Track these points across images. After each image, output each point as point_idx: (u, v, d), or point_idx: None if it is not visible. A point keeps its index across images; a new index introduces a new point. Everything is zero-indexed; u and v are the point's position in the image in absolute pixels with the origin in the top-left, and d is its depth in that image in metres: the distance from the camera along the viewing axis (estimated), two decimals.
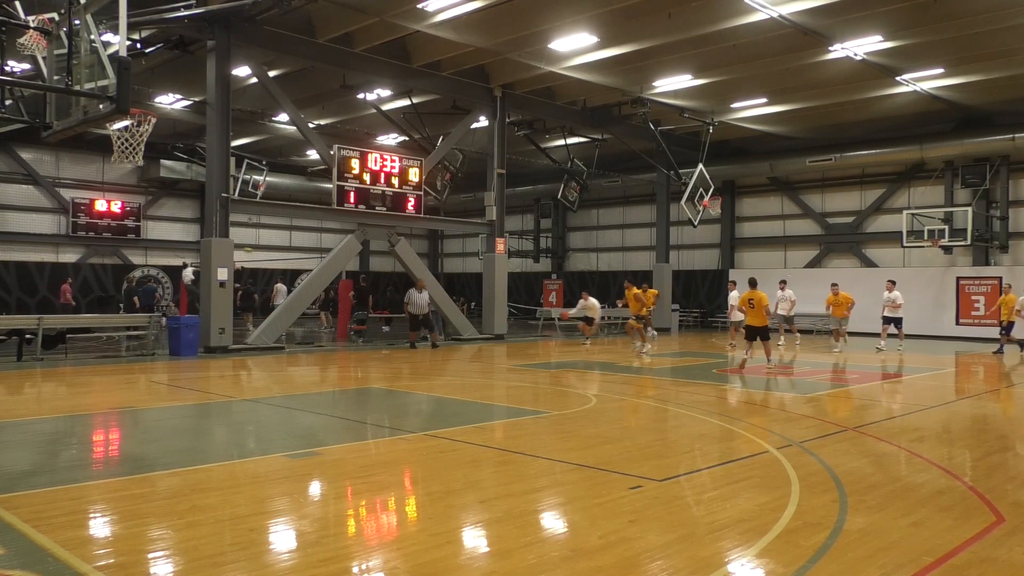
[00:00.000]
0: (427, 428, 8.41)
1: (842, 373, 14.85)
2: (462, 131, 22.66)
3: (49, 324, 15.78)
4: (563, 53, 18.81)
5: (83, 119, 8.43)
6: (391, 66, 19.74)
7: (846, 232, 27.47)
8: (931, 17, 15.95)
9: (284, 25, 17.63)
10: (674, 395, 11.47)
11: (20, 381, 12.50)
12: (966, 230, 23.17)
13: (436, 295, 22.31)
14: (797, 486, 5.89)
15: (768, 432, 8.19)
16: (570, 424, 8.80)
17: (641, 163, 28.13)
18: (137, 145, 12.99)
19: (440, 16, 16.35)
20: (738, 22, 16.32)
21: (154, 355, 16.29)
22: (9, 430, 8.11)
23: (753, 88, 21.56)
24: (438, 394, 11.02)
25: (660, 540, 4.63)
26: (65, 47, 8.21)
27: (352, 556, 4.42)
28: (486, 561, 4.37)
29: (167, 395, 11.21)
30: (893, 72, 19.58)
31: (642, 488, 5.84)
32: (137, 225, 29.67)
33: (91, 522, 5.07)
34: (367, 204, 20.10)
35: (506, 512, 5.22)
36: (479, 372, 15.36)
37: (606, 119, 24.92)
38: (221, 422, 8.78)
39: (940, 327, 24.56)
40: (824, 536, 4.71)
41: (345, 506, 5.56)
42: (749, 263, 29.86)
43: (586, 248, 35.17)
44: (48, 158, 28.05)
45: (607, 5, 15.89)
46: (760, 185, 29.74)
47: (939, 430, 8.81)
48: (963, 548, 4.56)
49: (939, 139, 24.20)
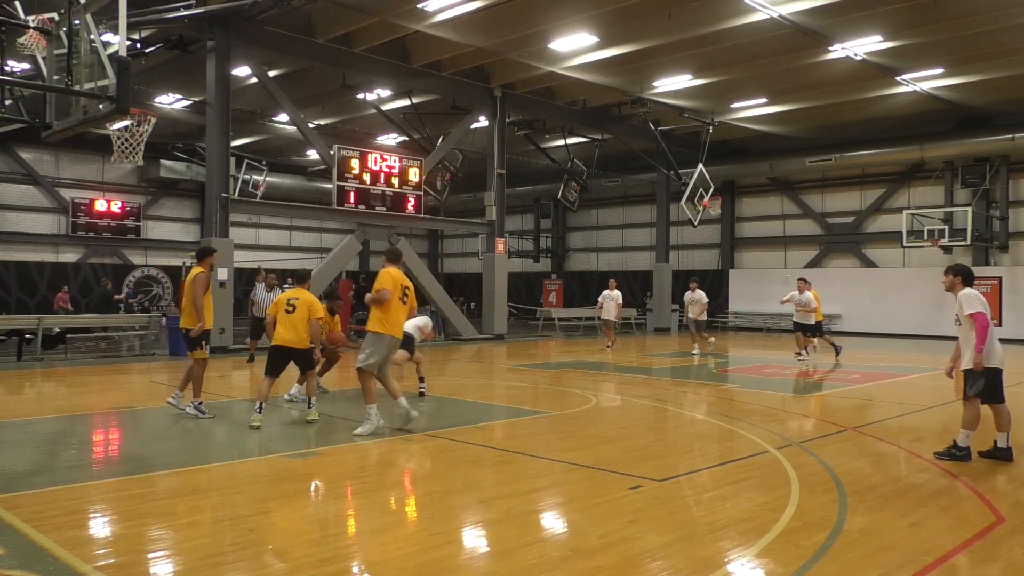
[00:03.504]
0: (427, 428, 8.41)
1: (844, 373, 14.84)
2: (462, 131, 22.66)
3: (49, 324, 15.78)
4: (563, 53, 18.80)
5: (83, 119, 8.42)
6: (391, 66, 19.73)
7: (846, 232, 27.47)
8: (931, 17, 15.94)
9: (284, 25, 17.63)
10: (674, 395, 11.46)
11: (20, 381, 12.50)
12: (966, 230, 23.15)
13: (436, 295, 22.34)
14: (797, 486, 5.89)
15: (768, 432, 8.19)
16: (570, 424, 8.80)
17: (641, 163, 28.13)
18: (137, 145, 13.01)
19: (440, 16, 16.35)
20: (738, 22, 16.31)
21: (154, 355, 16.29)
22: (9, 430, 8.12)
23: (753, 88, 21.55)
24: (438, 394, 11.02)
25: (660, 540, 4.63)
26: (65, 47, 8.20)
27: (352, 556, 4.42)
28: (486, 561, 4.37)
29: (167, 395, 11.19)
30: (893, 72, 19.57)
31: (642, 488, 5.84)
32: (137, 225, 29.66)
33: (91, 522, 5.07)
34: (367, 204, 20.10)
35: (506, 512, 5.22)
36: (479, 372, 15.35)
37: (606, 119, 24.92)
38: (221, 422, 8.76)
39: (940, 327, 24.54)
40: (824, 536, 4.71)
41: (345, 506, 5.56)
42: (749, 263, 29.87)
43: (586, 248, 35.16)
44: (48, 158, 28.04)
45: (607, 5, 15.89)
46: (760, 185, 29.74)
47: (939, 430, 8.80)
48: (963, 548, 4.56)
49: (939, 139, 24.19)
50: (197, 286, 8.73)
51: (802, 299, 16.07)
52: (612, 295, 19.03)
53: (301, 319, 8.42)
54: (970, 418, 6.77)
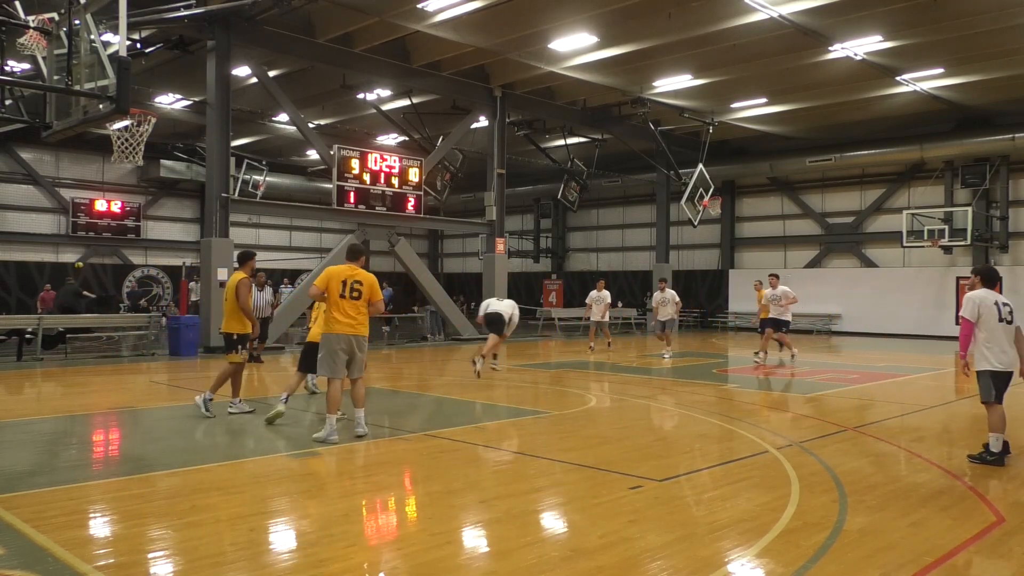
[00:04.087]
0: (427, 428, 8.41)
1: (844, 373, 14.84)
2: (462, 131, 22.66)
3: (49, 324, 15.78)
4: (563, 53, 18.81)
5: (83, 119, 8.42)
6: (391, 66, 19.73)
7: (846, 232, 27.47)
8: (931, 17, 15.95)
9: (284, 25, 17.63)
10: (674, 395, 11.46)
11: (20, 381, 12.50)
12: (966, 230, 23.16)
13: (436, 295, 22.34)
14: (797, 486, 5.89)
15: (768, 432, 8.19)
16: (570, 424, 8.80)
17: (641, 163, 28.13)
18: (137, 145, 13.01)
19: (440, 16, 16.35)
20: (738, 22, 16.32)
21: (154, 355, 16.29)
22: (9, 430, 8.11)
23: (753, 88, 21.55)
24: (438, 394, 11.02)
25: (660, 540, 4.63)
26: (65, 47, 8.20)
27: (352, 556, 4.41)
28: (486, 561, 4.37)
29: (167, 395, 11.22)
30: (893, 72, 19.57)
31: (642, 488, 5.84)
32: (137, 225, 29.66)
33: (91, 522, 5.07)
34: (367, 204, 20.10)
35: (506, 512, 5.22)
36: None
37: (606, 119, 24.92)
38: (221, 422, 8.76)
39: (940, 327, 24.56)
40: (824, 536, 4.71)
41: (345, 506, 5.55)
42: (749, 263, 29.87)
43: (586, 248, 35.17)
44: (48, 158, 28.04)
45: (607, 5, 15.89)
46: (760, 185, 29.74)
47: (939, 430, 8.81)
48: (963, 548, 4.56)
49: (939, 139, 24.20)
50: (243, 291, 8.79)
51: (777, 294, 15.86)
52: (600, 296, 18.84)
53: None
54: (994, 421, 6.72)
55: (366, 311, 7.62)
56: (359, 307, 7.53)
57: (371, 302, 7.61)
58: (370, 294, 7.59)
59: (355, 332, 7.52)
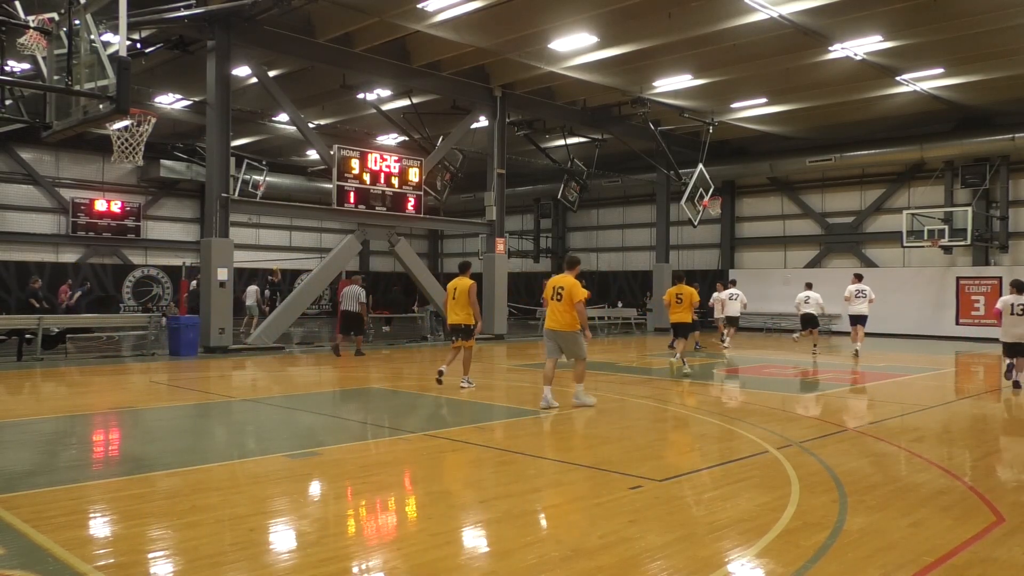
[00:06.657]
0: (427, 428, 8.41)
1: (844, 373, 14.84)
2: (462, 131, 22.66)
3: (49, 324, 15.79)
4: (563, 53, 18.81)
5: (83, 119, 8.44)
6: (391, 66, 19.73)
7: (846, 232, 27.47)
8: (931, 17, 15.95)
9: (284, 25, 17.63)
10: (674, 395, 11.47)
11: (20, 381, 12.50)
12: (966, 230, 23.16)
13: (436, 295, 22.31)
14: (797, 486, 5.89)
15: (768, 432, 8.19)
16: (570, 424, 8.80)
17: (641, 163, 28.13)
18: (137, 145, 13.00)
19: (440, 16, 16.35)
20: (738, 22, 16.32)
21: (154, 355, 16.29)
22: (9, 430, 8.11)
23: (753, 88, 21.55)
24: (438, 394, 11.02)
25: (660, 540, 4.63)
26: (65, 47, 8.21)
27: (352, 556, 4.42)
28: (486, 561, 4.37)
29: (167, 395, 11.21)
30: (893, 72, 19.57)
31: (642, 488, 5.84)
32: (137, 225, 29.67)
33: (91, 522, 5.07)
34: (367, 204, 20.10)
35: (506, 512, 5.22)
36: (479, 372, 15.31)
37: (606, 119, 24.92)
38: (221, 422, 8.77)
39: (940, 327, 24.58)
40: (824, 536, 4.71)
41: (345, 506, 5.56)
42: (749, 263, 29.88)
43: (586, 248, 35.16)
44: (48, 158, 28.05)
45: (607, 5, 15.89)
46: (760, 185, 29.74)
47: (939, 430, 8.81)
48: (963, 548, 4.56)
49: (939, 139, 24.20)
50: (471, 294, 11.29)
51: (721, 296, 19.46)
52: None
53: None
54: (1020, 363, 11.29)
55: (565, 309, 9.66)
56: (560, 307, 9.62)
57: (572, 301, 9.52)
58: (569, 295, 9.48)
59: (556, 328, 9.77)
